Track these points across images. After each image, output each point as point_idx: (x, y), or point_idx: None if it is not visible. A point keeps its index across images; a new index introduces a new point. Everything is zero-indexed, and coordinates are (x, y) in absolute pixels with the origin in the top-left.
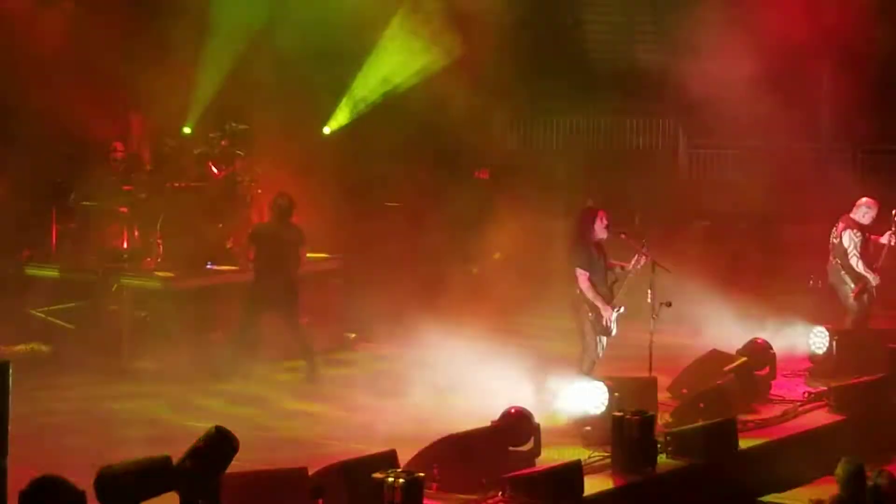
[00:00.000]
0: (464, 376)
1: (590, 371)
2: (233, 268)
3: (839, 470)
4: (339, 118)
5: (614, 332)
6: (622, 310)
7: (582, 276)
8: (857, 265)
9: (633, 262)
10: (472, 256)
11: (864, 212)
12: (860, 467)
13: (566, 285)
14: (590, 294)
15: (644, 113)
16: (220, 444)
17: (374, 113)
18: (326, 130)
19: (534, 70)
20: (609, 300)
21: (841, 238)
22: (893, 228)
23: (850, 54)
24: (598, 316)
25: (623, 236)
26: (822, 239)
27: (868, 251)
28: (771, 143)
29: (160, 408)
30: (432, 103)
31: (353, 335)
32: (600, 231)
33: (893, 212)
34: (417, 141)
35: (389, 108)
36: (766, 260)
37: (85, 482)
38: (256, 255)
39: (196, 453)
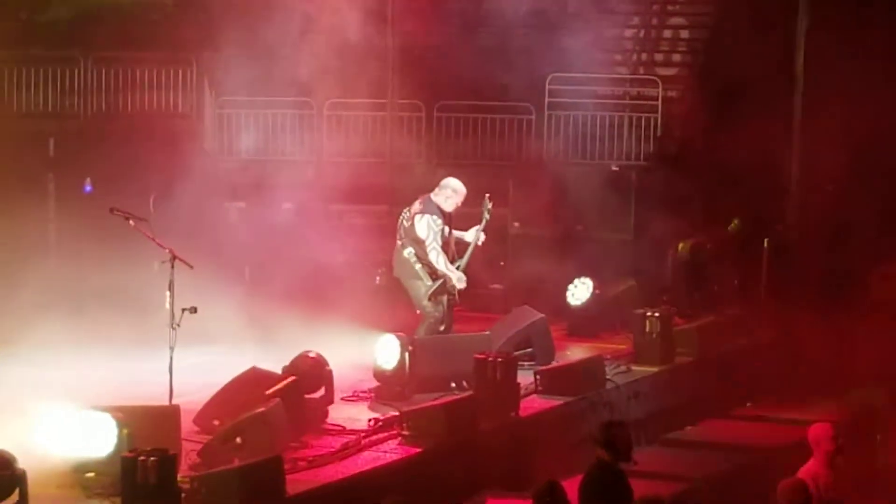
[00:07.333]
0: None
1: None
2: None
3: None
4: None
5: None
6: None
7: None
8: (436, 260)
9: None
10: None
11: (447, 195)
12: None
13: None
14: None
15: (156, 62)
16: None
17: None
18: None
19: None
20: None
21: (414, 223)
22: (483, 222)
23: None
24: None
25: (132, 223)
26: (390, 222)
27: (449, 246)
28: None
29: None
30: None
31: None
32: None
33: (487, 195)
34: None
35: None
36: (320, 248)
37: None
38: None
39: None
